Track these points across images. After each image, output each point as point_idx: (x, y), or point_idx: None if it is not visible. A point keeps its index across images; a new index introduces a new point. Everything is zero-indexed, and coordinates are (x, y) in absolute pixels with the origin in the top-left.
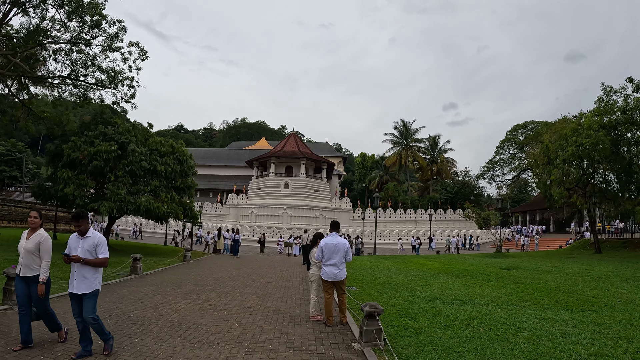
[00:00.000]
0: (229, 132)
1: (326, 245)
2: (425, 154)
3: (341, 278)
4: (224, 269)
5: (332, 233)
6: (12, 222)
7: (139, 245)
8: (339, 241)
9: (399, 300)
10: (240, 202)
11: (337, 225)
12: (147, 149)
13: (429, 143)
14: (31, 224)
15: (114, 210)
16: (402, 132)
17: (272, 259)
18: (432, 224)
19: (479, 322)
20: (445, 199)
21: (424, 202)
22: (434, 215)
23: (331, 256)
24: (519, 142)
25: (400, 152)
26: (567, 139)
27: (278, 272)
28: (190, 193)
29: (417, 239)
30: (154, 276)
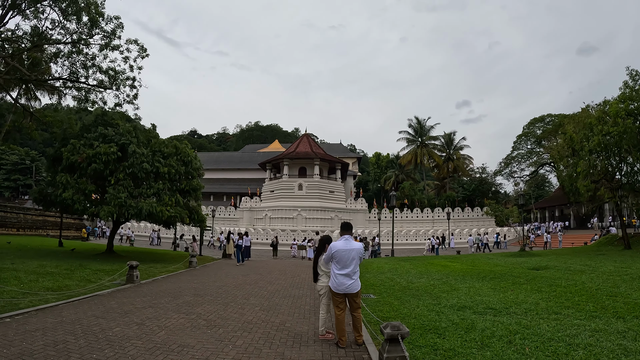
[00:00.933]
0: (242, 135)
1: (337, 251)
2: (441, 152)
3: (355, 290)
4: (230, 275)
5: (344, 236)
6: (21, 230)
7: (147, 251)
8: (354, 246)
9: (423, 311)
10: (254, 205)
11: (349, 227)
12: (150, 151)
13: (445, 140)
14: None
15: (114, 214)
16: (417, 130)
17: (284, 263)
18: (450, 222)
19: (522, 338)
20: (463, 196)
21: (440, 201)
22: (451, 213)
23: (344, 264)
24: (537, 136)
25: (416, 150)
26: (592, 128)
27: (288, 278)
28: (196, 195)
29: (437, 238)
30: (152, 285)
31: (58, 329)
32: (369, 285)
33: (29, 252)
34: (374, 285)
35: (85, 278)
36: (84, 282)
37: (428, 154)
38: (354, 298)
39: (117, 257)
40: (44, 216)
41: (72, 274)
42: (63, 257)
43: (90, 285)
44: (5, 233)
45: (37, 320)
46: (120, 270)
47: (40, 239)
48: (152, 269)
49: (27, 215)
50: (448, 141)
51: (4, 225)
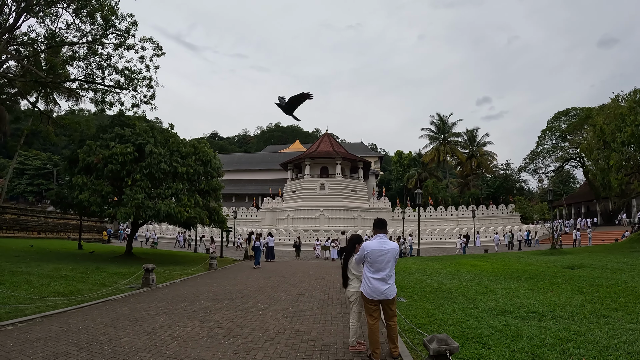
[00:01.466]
0: (262, 137)
1: (371, 252)
2: (464, 149)
3: (391, 296)
4: (251, 278)
5: (378, 235)
6: (42, 233)
7: (167, 253)
8: (389, 246)
9: (460, 316)
10: (276, 206)
11: (383, 225)
12: (167, 150)
13: (467, 137)
14: None
15: (131, 216)
16: (439, 127)
17: (307, 264)
18: (475, 220)
19: (575, 347)
20: (487, 194)
21: (465, 199)
22: (476, 211)
23: (378, 267)
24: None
25: (438, 148)
26: (624, 119)
27: (313, 280)
28: (216, 196)
29: (464, 237)
30: (168, 289)
31: (61, 338)
32: (399, 287)
33: (47, 255)
34: (404, 288)
35: (100, 282)
36: (97, 286)
37: (451, 151)
38: (389, 305)
39: (136, 260)
40: (65, 219)
41: (86, 278)
42: (81, 259)
43: (104, 289)
44: (27, 236)
45: (40, 329)
46: (136, 274)
47: (60, 241)
48: (170, 271)
49: (48, 219)
50: (471, 138)
51: (25, 229)
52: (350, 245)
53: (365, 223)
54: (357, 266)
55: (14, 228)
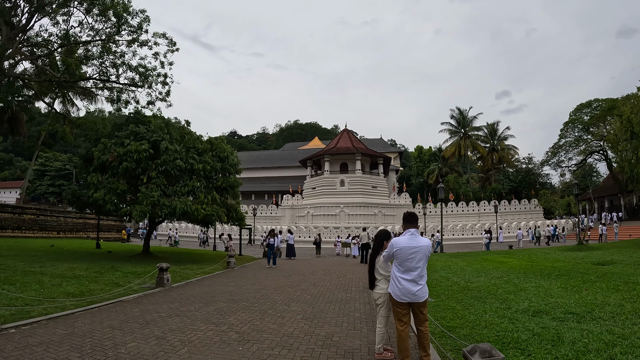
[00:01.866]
0: (281, 134)
1: (401, 249)
2: (485, 143)
3: (423, 298)
4: (270, 277)
5: (408, 230)
6: (61, 233)
7: (186, 251)
8: (421, 243)
9: (493, 318)
10: (295, 203)
11: (414, 219)
12: (183, 147)
13: (488, 131)
14: None
15: (146, 214)
16: (459, 121)
17: (328, 262)
18: (492, 215)
19: (623, 352)
20: (509, 188)
21: (486, 194)
22: (499, 206)
23: (409, 266)
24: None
25: (459, 142)
26: None
27: (334, 278)
28: (234, 193)
29: (488, 232)
30: (183, 289)
31: (65, 342)
32: None
33: (64, 254)
34: (430, 286)
35: (114, 281)
36: (110, 286)
37: (471, 145)
38: (420, 308)
39: (153, 259)
40: (84, 219)
41: (100, 277)
42: (97, 259)
43: (117, 289)
44: (46, 236)
45: (44, 332)
46: (151, 273)
47: (79, 241)
48: (187, 270)
49: (67, 218)
50: (492, 131)
51: (44, 229)
52: (377, 242)
53: (385, 219)
54: (385, 265)
55: (33, 228)
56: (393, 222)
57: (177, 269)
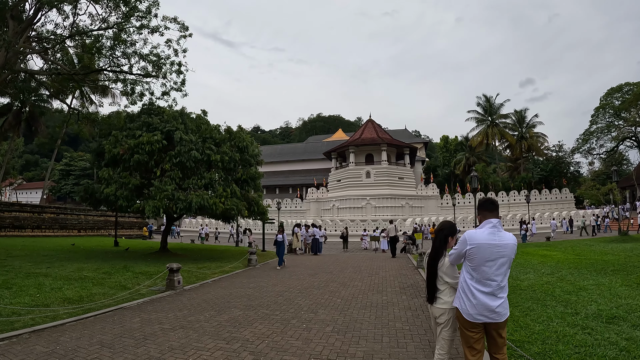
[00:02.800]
0: (304, 127)
1: (479, 248)
2: (513, 131)
3: (504, 317)
4: (295, 275)
5: (488, 221)
6: (82, 231)
7: (207, 248)
8: (507, 239)
9: (562, 327)
10: (320, 196)
11: (494, 206)
12: (199, 137)
13: (516, 118)
14: None
15: (160, 210)
16: (486, 109)
17: (356, 257)
18: (522, 206)
19: None
20: (539, 177)
21: (516, 183)
22: (530, 196)
23: (488, 273)
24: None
25: (486, 130)
26: None
27: (365, 276)
28: (255, 185)
29: (523, 223)
30: (196, 292)
31: None
32: None
33: (78, 253)
34: None
35: (121, 284)
36: (116, 290)
37: (499, 133)
38: (499, 330)
39: (170, 257)
40: (105, 216)
41: (107, 279)
42: (112, 257)
43: (122, 293)
44: (67, 235)
45: (20, 350)
46: (163, 273)
47: (99, 239)
48: (204, 270)
49: (88, 217)
50: (519, 119)
51: (64, 227)
52: (440, 239)
53: (413, 211)
54: (452, 270)
55: (53, 227)
56: (421, 213)
57: (194, 268)
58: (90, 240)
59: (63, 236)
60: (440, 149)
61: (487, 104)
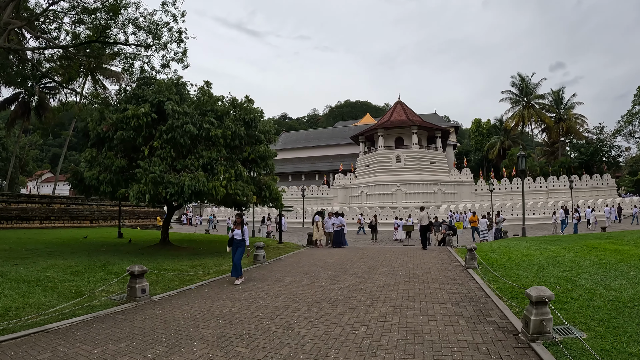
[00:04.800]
0: (331, 114)
1: None
2: (549, 112)
3: None
4: (307, 279)
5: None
6: (94, 221)
7: (215, 239)
8: None
9: None
10: (348, 182)
11: None
12: (196, 109)
13: (553, 99)
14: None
15: (146, 195)
16: (521, 89)
17: (387, 252)
18: (561, 192)
19: None
20: (579, 162)
21: (555, 168)
22: (567, 183)
23: None
24: None
25: (522, 112)
26: None
27: (401, 281)
28: (267, 166)
29: (564, 211)
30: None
31: None
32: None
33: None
34: (559, 300)
35: (78, 290)
36: (64, 298)
37: (536, 114)
38: None
39: (169, 250)
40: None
41: (66, 282)
42: (104, 251)
43: (66, 303)
44: (77, 226)
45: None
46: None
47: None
48: (196, 268)
49: (100, 206)
50: (557, 99)
51: (75, 218)
52: None
53: (446, 197)
54: None
55: (63, 218)
56: (454, 200)
57: (186, 266)
58: (100, 231)
59: (74, 227)
60: (473, 133)
61: (522, 84)
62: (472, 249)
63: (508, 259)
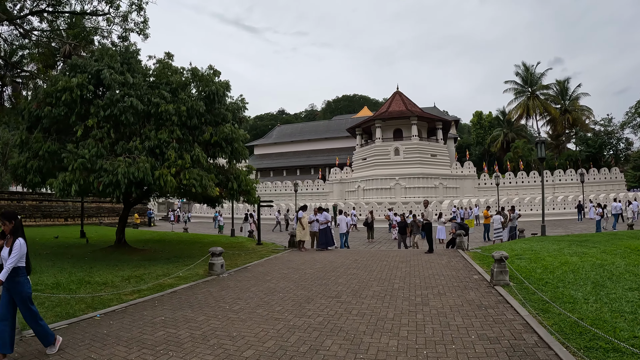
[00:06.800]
0: (328, 108)
1: None
2: (555, 103)
3: None
4: (267, 304)
5: None
6: (69, 219)
7: (188, 240)
8: None
9: None
10: (344, 177)
11: None
12: (144, 80)
13: (558, 89)
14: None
15: (73, 186)
16: (526, 79)
17: (385, 256)
18: (568, 187)
19: None
20: (587, 155)
21: (561, 161)
22: (575, 177)
23: None
24: None
25: (526, 103)
26: None
27: (404, 312)
28: (235, 152)
29: (600, 207)
30: None
31: None
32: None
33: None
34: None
35: None
36: None
37: (541, 105)
38: None
39: (120, 254)
40: (97, 202)
41: None
42: (46, 254)
43: None
44: (51, 224)
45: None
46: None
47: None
48: (131, 281)
49: (76, 203)
50: (562, 90)
51: (48, 216)
52: None
53: (447, 192)
54: None
55: (35, 216)
56: (456, 194)
57: (119, 278)
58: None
59: (47, 226)
60: (474, 125)
61: (526, 74)
62: (502, 258)
63: (544, 270)
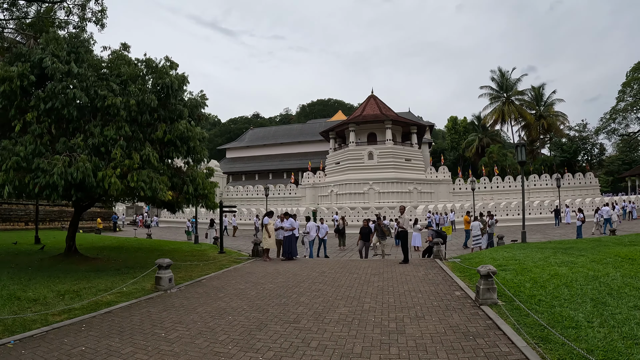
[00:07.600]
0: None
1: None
2: (530, 109)
3: None
4: (212, 331)
5: None
6: (30, 224)
7: (149, 247)
8: None
9: None
10: (317, 181)
11: None
12: (93, 71)
13: (533, 95)
14: None
15: (5, 187)
16: (501, 84)
17: (355, 268)
18: (543, 192)
19: None
20: (561, 160)
21: (535, 166)
22: (550, 181)
23: None
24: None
25: (502, 108)
26: None
27: (375, 348)
28: (192, 151)
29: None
30: None
31: None
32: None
33: None
34: None
35: None
36: None
37: (516, 111)
38: None
39: (68, 264)
40: (60, 206)
41: None
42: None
43: None
44: (10, 228)
45: None
46: None
47: (46, 233)
48: (67, 297)
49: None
50: (537, 96)
51: (7, 220)
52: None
53: (422, 197)
54: None
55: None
56: (430, 199)
57: (54, 293)
58: (29, 235)
59: (5, 230)
60: (449, 131)
61: (502, 79)
62: (490, 273)
63: (534, 284)
